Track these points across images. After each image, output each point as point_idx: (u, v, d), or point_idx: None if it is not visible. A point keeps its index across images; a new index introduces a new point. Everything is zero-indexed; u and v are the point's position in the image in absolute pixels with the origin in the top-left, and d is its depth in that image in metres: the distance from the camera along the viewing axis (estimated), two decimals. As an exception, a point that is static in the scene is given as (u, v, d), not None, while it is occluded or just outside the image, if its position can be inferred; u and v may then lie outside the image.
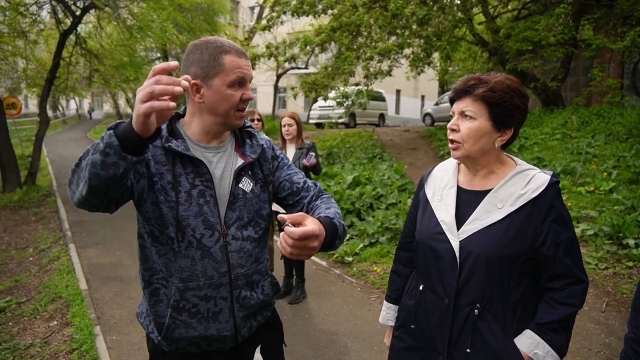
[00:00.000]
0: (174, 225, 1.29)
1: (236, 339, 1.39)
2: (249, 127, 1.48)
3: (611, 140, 7.82)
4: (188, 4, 10.93)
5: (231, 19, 22.81)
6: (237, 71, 1.28)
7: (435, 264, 1.38)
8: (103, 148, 1.00)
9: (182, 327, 1.34)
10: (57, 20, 10.58)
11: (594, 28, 10.50)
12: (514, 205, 1.29)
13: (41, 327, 3.79)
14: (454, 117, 1.35)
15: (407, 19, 9.79)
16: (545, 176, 1.30)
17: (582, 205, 5.35)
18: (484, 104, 1.28)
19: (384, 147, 11.29)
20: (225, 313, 1.35)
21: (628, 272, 4.06)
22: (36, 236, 6.75)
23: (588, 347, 3.12)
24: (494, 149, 1.34)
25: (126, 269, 5.00)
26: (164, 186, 1.29)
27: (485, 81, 1.29)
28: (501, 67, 11.15)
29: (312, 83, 10.28)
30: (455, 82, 1.46)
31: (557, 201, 1.29)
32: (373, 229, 5.49)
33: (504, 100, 1.28)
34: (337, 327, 3.61)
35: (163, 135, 1.32)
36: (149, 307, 1.38)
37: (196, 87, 1.30)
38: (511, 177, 1.33)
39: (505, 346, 1.28)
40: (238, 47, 1.32)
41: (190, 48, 1.32)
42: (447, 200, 1.40)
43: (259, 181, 1.42)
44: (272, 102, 21.94)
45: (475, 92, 1.29)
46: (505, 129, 1.32)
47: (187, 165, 1.32)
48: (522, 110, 1.31)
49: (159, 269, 1.34)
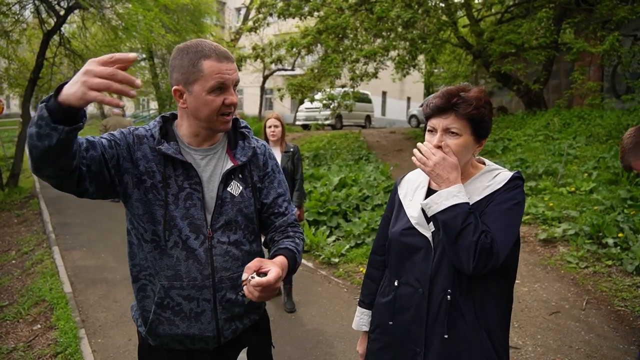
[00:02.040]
0: (161, 224, 1.31)
1: (219, 340, 1.40)
2: (244, 127, 1.47)
3: (591, 141, 8.00)
4: (174, 5, 10.87)
5: (217, 20, 22.71)
6: (216, 77, 1.26)
7: (410, 257, 1.41)
8: (36, 120, 1.03)
9: (165, 324, 1.36)
10: (41, 20, 10.42)
11: (574, 32, 10.75)
12: (480, 195, 1.36)
13: (24, 330, 3.74)
14: (434, 131, 1.35)
15: (393, 21, 9.89)
16: (509, 173, 1.39)
17: (563, 206, 5.46)
18: (467, 121, 1.33)
19: (370, 148, 11.37)
20: (207, 314, 1.36)
21: (607, 271, 4.16)
22: (19, 239, 6.63)
23: (569, 345, 3.20)
24: (470, 158, 1.42)
25: (111, 272, 4.95)
26: (155, 184, 1.31)
27: (467, 100, 1.32)
28: (485, 69, 11.33)
29: (298, 85, 10.31)
30: (440, 84, 1.48)
31: (514, 191, 1.34)
32: (359, 230, 5.53)
33: (484, 115, 1.34)
34: (324, 327, 3.63)
35: (155, 137, 1.34)
36: (137, 302, 1.41)
37: (179, 93, 1.30)
38: (480, 175, 1.41)
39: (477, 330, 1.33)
40: (220, 51, 1.29)
41: (174, 53, 1.32)
42: (417, 198, 1.46)
43: (249, 185, 1.41)
44: (258, 103, 21.90)
45: (460, 111, 1.32)
46: (482, 139, 1.39)
47: (177, 167, 1.33)
48: (492, 120, 1.41)
49: (146, 266, 1.36)
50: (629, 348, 3.14)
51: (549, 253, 4.63)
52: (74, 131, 1.05)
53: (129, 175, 1.30)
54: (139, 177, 1.31)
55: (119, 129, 1.37)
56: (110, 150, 1.27)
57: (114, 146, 1.29)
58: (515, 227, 1.33)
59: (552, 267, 4.36)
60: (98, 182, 1.24)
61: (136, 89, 1.04)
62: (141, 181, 1.31)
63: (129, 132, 1.36)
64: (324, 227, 5.87)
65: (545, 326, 3.44)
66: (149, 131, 1.36)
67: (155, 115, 22.53)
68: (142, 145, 1.33)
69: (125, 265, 4.91)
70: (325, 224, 5.98)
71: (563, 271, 4.26)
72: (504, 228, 1.29)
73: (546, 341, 3.25)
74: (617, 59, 9.34)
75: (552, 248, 4.70)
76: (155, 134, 1.35)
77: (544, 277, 4.20)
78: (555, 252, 4.61)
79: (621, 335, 3.30)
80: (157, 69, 19.72)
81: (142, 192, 1.31)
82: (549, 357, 3.07)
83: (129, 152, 1.31)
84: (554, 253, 4.61)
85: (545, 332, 3.37)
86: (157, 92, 19.80)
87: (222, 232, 1.35)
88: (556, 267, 4.36)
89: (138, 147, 1.33)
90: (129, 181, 1.30)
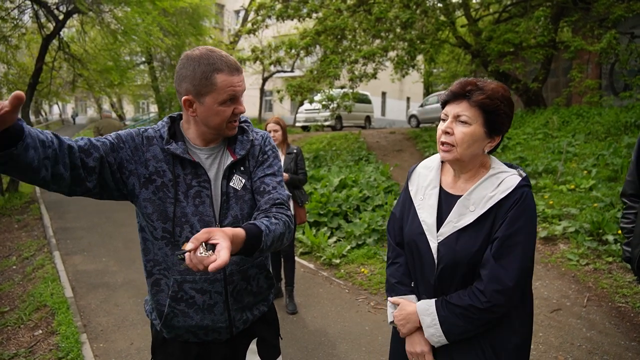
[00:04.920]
0: (172, 221, 1.34)
1: (231, 331, 1.44)
2: (244, 122, 1.49)
3: (590, 139, 8.01)
4: (172, 9, 10.90)
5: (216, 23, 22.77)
6: (229, 90, 1.29)
7: (419, 261, 1.42)
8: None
9: (180, 316, 1.40)
10: (40, 24, 10.44)
11: (572, 30, 10.76)
12: (483, 208, 1.31)
13: (26, 336, 3.74)
14: (447, 119, 1.34)
15: (391, 22, 9.90)
16: (515, 179, 1.32)
17: (563, 203, 5.47)
18: (480, 110, 1.29)
19: (370, 149, 11.37)
20: (219, 306, 1.40)
21: (608, 268, 4.17)
22: (19, 244, 6.64)
23: (570, 342, 3.20)
24: (481, 154, 1.37)
25: (113, 276, 4.95)
26: (165, 183, 1.35)
27: (482, 88, 1.30)
28: (484, 68, 11.34)
29: (297, 86, 10.32)
30: (440, 84, 1.48)
31: (522, 202, 1.29)
32: (360, 230, 5.54)
33: (499, 108, 1.30)
34: (326, 328, 3.64)
35: (164, 137, 1.37)
36: (151, 296, 1.44)
37: (189, 102, 1.32)
38: (484, 181, 1.35)
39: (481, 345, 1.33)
40: (231, 63, 1.30)
41: (182, 62, 1.32)
42: (429, 201, 1.42)
43: (250, 177, 1.45)
44: (258, 105, 21.92)
45: (473, 98, 1.29)
46: (496, 135, 1.34)
47: (186, 166, 1.37)
48: (510, 119, 1.35)
49: (160, 261, 1.39)
50: (630, 344, 3.14)
51: (549, 251, 4.63)
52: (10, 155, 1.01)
53: (134, 177, 1.33)
54: (148, 177, 1.34)
55: (127, 130, 1.40)
56: (112, 153, 1.30)
57: (117, 149, 1.32)
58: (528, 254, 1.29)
59: (552, 265, 4.36)
60: (100, 183, 1.28)
61: (135, 92, 1.04)
62: (150, 181, 1.34)
63: (138, 134, 1.39)
64: (324, 229, 5.88)
65: (546, 324, 3.45)
66: (158, 132, 1.40)
67: (155, 118, 22.55)
68: (152, 146, 1.37)
69: (127, 269, 4.91)
70: (326, 225, 5.98)
71: (564, 269, 4.27)
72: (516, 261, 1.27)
73: (548, 339, 3.25)
74: (615, 57, 9.35)
75: (552, 246, 4.71)
76: (164, 134, 1.38)
77: (545, 274, 4.21)
78: (556, 250, 4.61)
79: (622, 331, 3.30)
80: (156, 72, 19.73)
81: (150, 192, 1.34)
82: (551, 354, 3.07)
83: (135, 153, 1.35)
84: (554, 251, 4.61)
85: (547, 329, 3.37)
86: (157, 95, 19.82)
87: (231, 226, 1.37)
88: (557, 264, 4.36)
89: (147, 147, 1.36)
90: (135, 182, 1.34)
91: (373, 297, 4.19)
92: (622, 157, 6.44)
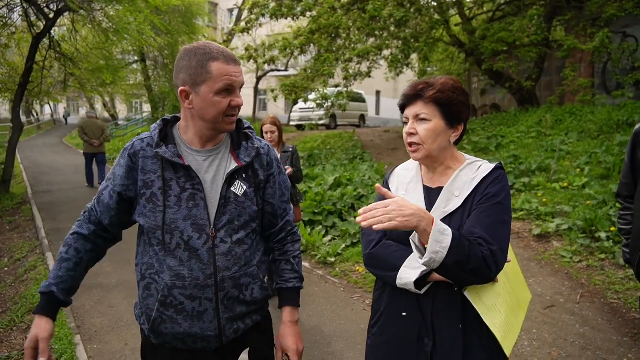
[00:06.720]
0: (161, 229, 1.34)
1: (221, 340, 1.40)
2: (248, 128, 1.49)
3: (583, 137, 8.07)
4: (165, 7, 10.83)
5: (210, 22, 22.65)
6: (224, 79, 1.29)
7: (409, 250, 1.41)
8: None
9: (168, 322, 1.37)
10: (30, 23, 10.32)
11: (565, 29, 10.82)
12: (468, 190, 1.38)
13: (18, 338, 3.70)
14: (408, 122, 1.42)
15: (385, 20, 9.91)
16: (492, 164, 1.42)
17: (556, 201, 5.51)
18: (435, 105, 1.36)
19: (365, 147, 11.39)
20: (209, 314, 1.37)
21: (601, 264, 4.20)
22: (11, 246, 6.57)
23: (564, 338, 3.22)
24: (449, 146, 1.43)
25: (107, 277, 4.92)
26: (154, 193, 1.35)
27: (432, 84, 1.37)
28: (478, 67, 11.40)
29: (291, 85, 10.31)
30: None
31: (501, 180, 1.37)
32: (355, 229, 5.54)
33: (453, 99, 1.37)
34: (321, 327, 3.64)
35: (154, 141, 1.36)
36: (141, 300, 1.42)
37: (185, 94, 1.32)
38: (463, 169, 1.43)
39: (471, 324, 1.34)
40: (228, 54, 1.31)
41: (180, 54, 1.33)
42: (414, 195, 1.46)
43: (253, 185, 1.43)
44: (252, 104, 21.87)
45: (426, 96, 1.36)
46: (457, 124, 1.41)
47: (178, 170, 1.35)
48: (467, 106, 1.43)
49: (154, 265, 1.38)
50: (622, 339, 3.17)
51: (543, 248, 4.66)
52: None
53: (134, 199, 1.40)
54: (137, 192, 1.37)
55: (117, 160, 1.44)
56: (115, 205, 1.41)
57: (113, 195, 1.40)
58: (509, 219, 1.36)
59: (546, 262, 4.39)
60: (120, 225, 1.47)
61: (128, 91, 1.05)
62: (140, 195, 1.36)
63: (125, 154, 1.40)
64: (319, 227, 5.87)
65: (540, 320, 3.47)
66: (147, 139, 1.40)
67: (149, 118, 22.43)
68: (139, 159, 1.37)
69: (121, 270, 4.88)
70: (321, 223, 5.98)
71: (557, 266, 4.30)
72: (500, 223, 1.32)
73: (541, 335, 3.28)
74: (607, 56, 9.44)
75: (546, 243, 4.74)
76: (155, 136, 1.37)
77: (539, 272, 4.23)
78: (549, 247, 4.64)
79: (615, 327, 3.33)
80: (149, 71, 19.61)
81: (141, 206, 1.36)
82: (545, 350, 3.09)
83: (128, 178, 1.38)
84: (548, 248, 4.64)
85: (541, 326, 3.40)
86: (150, 95, 19.70)
87: (225, 231, 1.37)
88: (550, 261, 4.39)
89: (136, 164, 1.38)
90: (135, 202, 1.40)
91: (368, 295, 4.19)
92: (614, 155, 6.50)
